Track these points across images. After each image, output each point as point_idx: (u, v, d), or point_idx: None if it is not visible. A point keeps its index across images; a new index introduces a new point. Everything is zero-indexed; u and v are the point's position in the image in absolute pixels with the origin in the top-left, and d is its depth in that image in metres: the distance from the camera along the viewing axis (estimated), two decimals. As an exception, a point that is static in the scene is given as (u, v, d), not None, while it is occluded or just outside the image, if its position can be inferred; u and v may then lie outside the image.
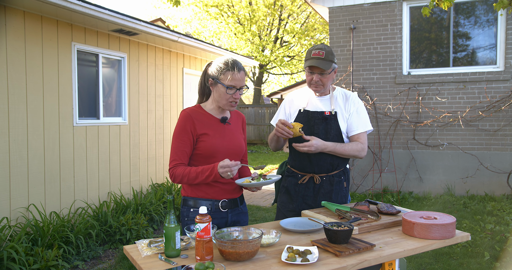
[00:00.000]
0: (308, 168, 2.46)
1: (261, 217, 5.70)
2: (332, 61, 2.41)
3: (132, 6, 49.85)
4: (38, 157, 4.50)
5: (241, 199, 2.28)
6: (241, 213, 2.27)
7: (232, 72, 2.06)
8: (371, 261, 1.67)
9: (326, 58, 2.38)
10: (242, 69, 2.10)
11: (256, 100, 21.81)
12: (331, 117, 2.44)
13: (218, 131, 2.15)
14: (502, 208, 5.55)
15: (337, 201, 2.47)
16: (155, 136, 6.55)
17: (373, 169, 6.78)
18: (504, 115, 6.11)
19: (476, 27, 6.48)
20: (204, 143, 2.10)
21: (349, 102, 2.50)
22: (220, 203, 2.15)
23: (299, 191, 2.48)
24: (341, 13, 6.96)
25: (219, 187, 2.15)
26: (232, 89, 2.07)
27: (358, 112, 2.48)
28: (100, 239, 4.45)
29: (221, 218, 2.15)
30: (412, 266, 3.83)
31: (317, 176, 2.45)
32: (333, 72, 2.46)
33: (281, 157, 13.10)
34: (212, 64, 2.15)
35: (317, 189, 2.45)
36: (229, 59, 2.11)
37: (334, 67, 2.45)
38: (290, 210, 2.50)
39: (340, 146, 2.37)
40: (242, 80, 2.09)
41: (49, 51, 4.65)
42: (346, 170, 2.54)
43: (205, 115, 2.16)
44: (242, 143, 2.24)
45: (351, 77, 6.89)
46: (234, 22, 17.63)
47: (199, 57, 7.78)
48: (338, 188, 2.47)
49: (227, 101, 2.10)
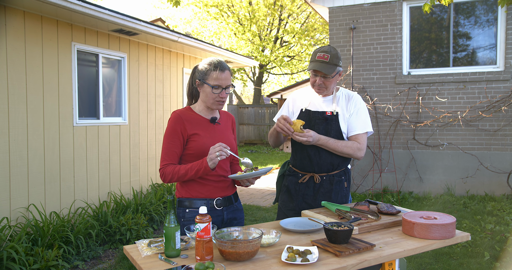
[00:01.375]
0: (309, 167, 2.47)
1: (261, 217, 5.70)
2: (337, 65, 2.41)
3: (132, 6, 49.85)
4: (38, 157, 4.50)
5: (235, 196, 2.31)
6: (236, 210, 2.30)
7: (216, 71, 2.11)
8: (371, 261, 1.67)
9: (330, 62, 2.38)
10: (226, 68, 2.15)
11: (256, 100, 21.82)
12: (332, 117, 2.45)
13: (208, 131, 2.19)
14: (502, 208, 5.55)
15: (336, 200, 2.48)
16: (155, 136, 6.55)
17: (373, 169, 6.78)
18: (504, 115, 6.11)
19: (476, 27, 6.48)
20: (195, 143, 2.14)
21: (350, 103, 2.50)
22: (215, 201, 2.18)
23: (299, 190, 2.50)
24: (341, 13, 6.96)
25: (212, 185, 2.18)
26: (217, 88, 2.12)
27: (358, 113, 2.48)
28: (100, 239, 4.45)
29: (217, 216, 2.18)
30: (412, 266, 3.83)
31: (317, 176, 2.46)
32: (337, 75, 2.47)
33: (281, 157, 13.10)
34: (197, 66, 2.20)
35: (317, 188, 2.46)
36: (213, 59, 2.16)
37: (339, 70, 2.45)
38: (290, 209, 2.52)
39: (333, 141, 2.38)
40: (227, 79, 2.14)
41: (49, 51, 4.65)
42: (347, 170, 2.55)
43: (195, 116, 2.21)
44: (232, 142, 2.28)
45: (351, 77, 6.89)
46: (234, 22, 17.63)
47: (199, 57, 7.78)
48: (338, 188, 2.48)
49: (214, 100, 2.15)
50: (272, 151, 15.01)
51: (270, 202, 6.78)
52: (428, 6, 4.03)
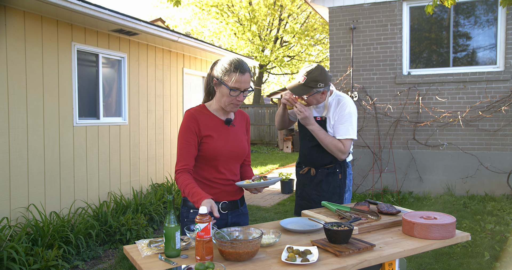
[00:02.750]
0: (305, 162, 2.75)
1: (261, 217, 5.71)
2: (312, 87, 2.46)
3: (132, 6, 49.85)
4: (38, 157, 4.50)
5: (241, 201, 2.27)
6: (241, 214, 2.26)
7: (237, 74, 2.00)
8: (371, 261, 1.67)
9: (306, 84, 2.47)
10: (247, 70, 2.04)
11: (256, 100, 21.82)
12: (321, 122, 2.61)
13: (222, 133, 2.13)
14: (502, 208, 5.55)
15: (328, 191, 2.65)
16: (155, 136, 6.55)
17: (373, 169, 6.78)
18: (504, 115, 6.11)
19: (476, 27, 6.48)
20: (207, 146, 2.08)
21: (338, 108, 2.58)
22: (221, 204, 2.14)
23: (301, 180, 2.80)
24: (341, 13, 6.96)
25: (220, 189, 2.14)
26: (236, 91, 2.02)
27: (341, 120, 2.54)
28: (100, 239, 4.45)
29: (221, 220, 2.13)
30: (412, 266, 3.83)
31: (313, 169, 2.71)
32: (317, 94, 2.51)
33: (281, 157, 13.10)
34: (217, 64, 2.10)
35: (312, 179, 2.72)
36: (234, 59, 2.05)
37: (317, 91, 2.49)
38: (298, 195, 2.82)
39: (323, 133, 2.53)
40: (246, 82, 2.03)
41: (49, 51, 4.65)
42: (343, 163, 2.67)
43: (209, 116, 2.13)
44: (245, 145, 2.23)
45: (351, 77, 6.89)
46: (234, 22, 17.63)
47: (199, 57, 7.78)
48: (331, 179, 2.65)
49: (230, 103, 2.07)
50: (272, 151, 15.01)
51: (270, 202, 6.78)
52: (430, 8, 4.02)
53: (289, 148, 14.90)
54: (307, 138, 2.68)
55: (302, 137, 2.77)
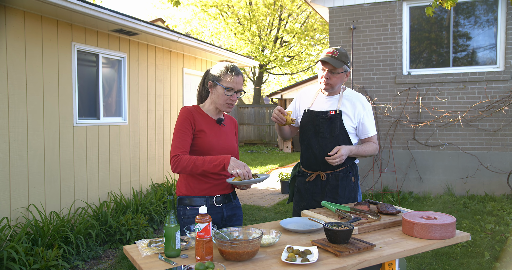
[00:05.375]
0: (315, 165, 2.56)
1: (261, 217, 5.70)
2: (344, 63, 2.49)
3: (132, 6, 49.83)
4: (38, 157, 4.50)
5: (233, 195, 2.38)
6: (235, 207, 2.36)
7: (232, 75, 2.22)
8: (371, 261, 1.67)
9: (338, 58, 2.47)
10: (240, 74, 2.27)
11: (256, 100, 21.81)
12: (336, 116, 2.52)
13: (214, 131, 2.27)
14: (502, 208, 5.55)
15: (344, 196, 2.52)
16: (155, 136, 6.55)
17: (373, 169, 6.79)
18: (504, 115, 6.11)
19: (476, 27, 6.48)
20: (200, 140, 2.21)
21: (359, 104, 2.57)
22: (215, 198, 2.24)
23: (308, 189, 2.58)
24: (341, 13, 6.96)
25: (213, 183, 2.24)
26: (230, 90, 2.22)
27: (369, 116, 2.58)
28: (100, 239, 4.45)
29: (216, 213, 2.24)
30: (412, 266, 3.83)
31: (323, 173, 2.53)
32: (344, 74, 2.54)
33: (281, 157, 13.10)
34: (213, 68, 2.31)
35: (324, 185, 2.53)
36: (228, 64, 2.29)
37: (346, 69, 2.53)
38: (302, 208, 2.59)
39: (361, 148, 2.51)
40: (240, 84, 2.25)
41: (49, 51, 4.65)
42: (354, 165, 2.60)
43: (202, 114, 2.30)
44: (235, 144, 2.37)
45: (351, 77, 6.89)
46: (234, 22, 17.63)
47: (199, 57, 7.78)
48: (345, 183, 2.53)
49: (225, 102, 2.24)
50: (272, 151, 15.01)
51: (270, 202, 6.78)
52: (430, 10, 4.03)
53: (289, 148, 14.90)
54: (318, 135, 2.53)
55: (305, 138, 2.59)
